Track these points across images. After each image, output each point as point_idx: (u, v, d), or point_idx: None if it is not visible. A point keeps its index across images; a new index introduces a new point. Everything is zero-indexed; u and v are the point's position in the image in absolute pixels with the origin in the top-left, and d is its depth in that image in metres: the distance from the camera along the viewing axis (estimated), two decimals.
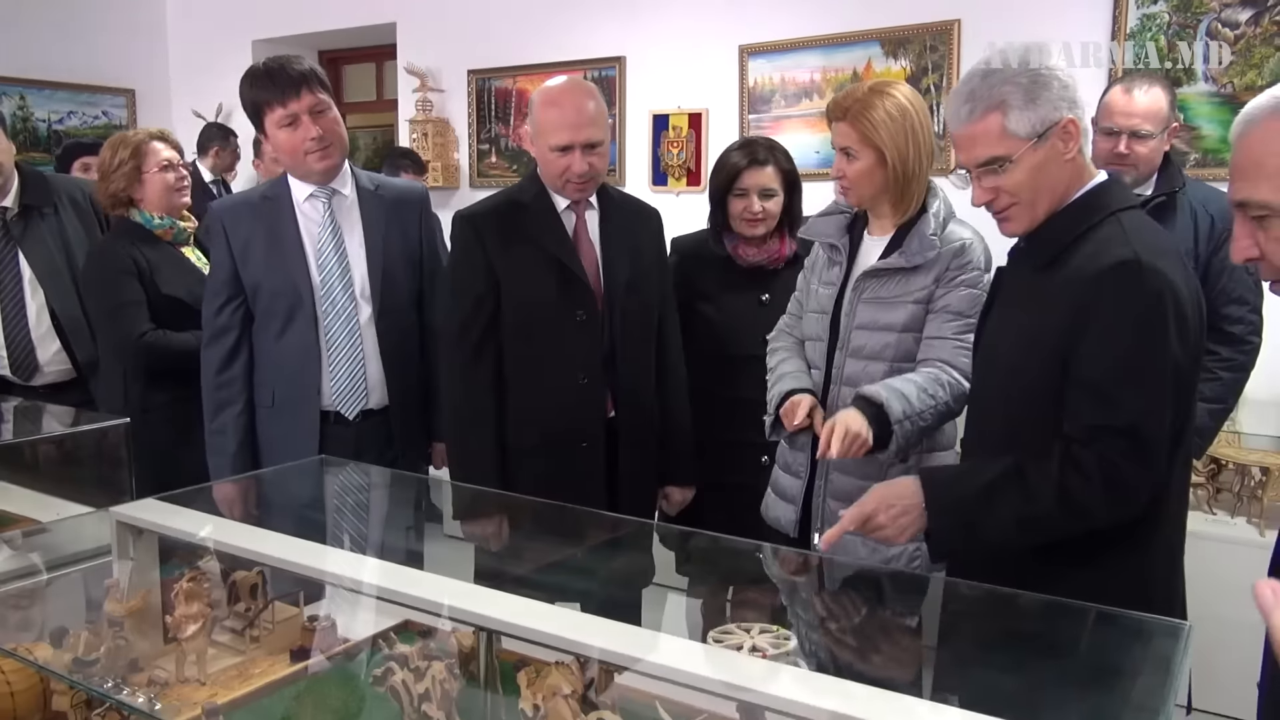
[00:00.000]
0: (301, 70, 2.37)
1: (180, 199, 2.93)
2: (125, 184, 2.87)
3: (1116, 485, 1.50)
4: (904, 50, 4.10)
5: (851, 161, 2.02)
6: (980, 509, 1.58)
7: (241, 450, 2.46)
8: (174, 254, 2.93)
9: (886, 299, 2.05)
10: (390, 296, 2.49)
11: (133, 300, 2.80)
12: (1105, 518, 1.54)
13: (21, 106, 5.91)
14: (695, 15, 4.61)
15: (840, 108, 2.03)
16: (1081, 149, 1.61)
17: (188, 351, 2.74)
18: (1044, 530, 1.57)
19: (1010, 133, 1.58)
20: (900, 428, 1.91)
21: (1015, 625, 1.54)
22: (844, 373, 2.08)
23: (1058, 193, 1.61)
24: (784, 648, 1.36)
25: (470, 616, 1.39)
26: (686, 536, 2.00)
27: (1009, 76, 1.58)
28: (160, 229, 2.90)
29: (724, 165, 2.55)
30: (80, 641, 1.56)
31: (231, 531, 1.73)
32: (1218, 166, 3.44)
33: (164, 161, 2.89)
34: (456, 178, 5.46)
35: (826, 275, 2.17)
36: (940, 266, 2.02)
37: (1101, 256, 1.53)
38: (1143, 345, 1.49)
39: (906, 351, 2.04)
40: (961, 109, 1.62)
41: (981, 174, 1.62)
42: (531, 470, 2.30)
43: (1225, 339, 2.63)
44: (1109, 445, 1.50)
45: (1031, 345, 1.59)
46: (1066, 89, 1.59)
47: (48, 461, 2.58)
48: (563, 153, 2.22)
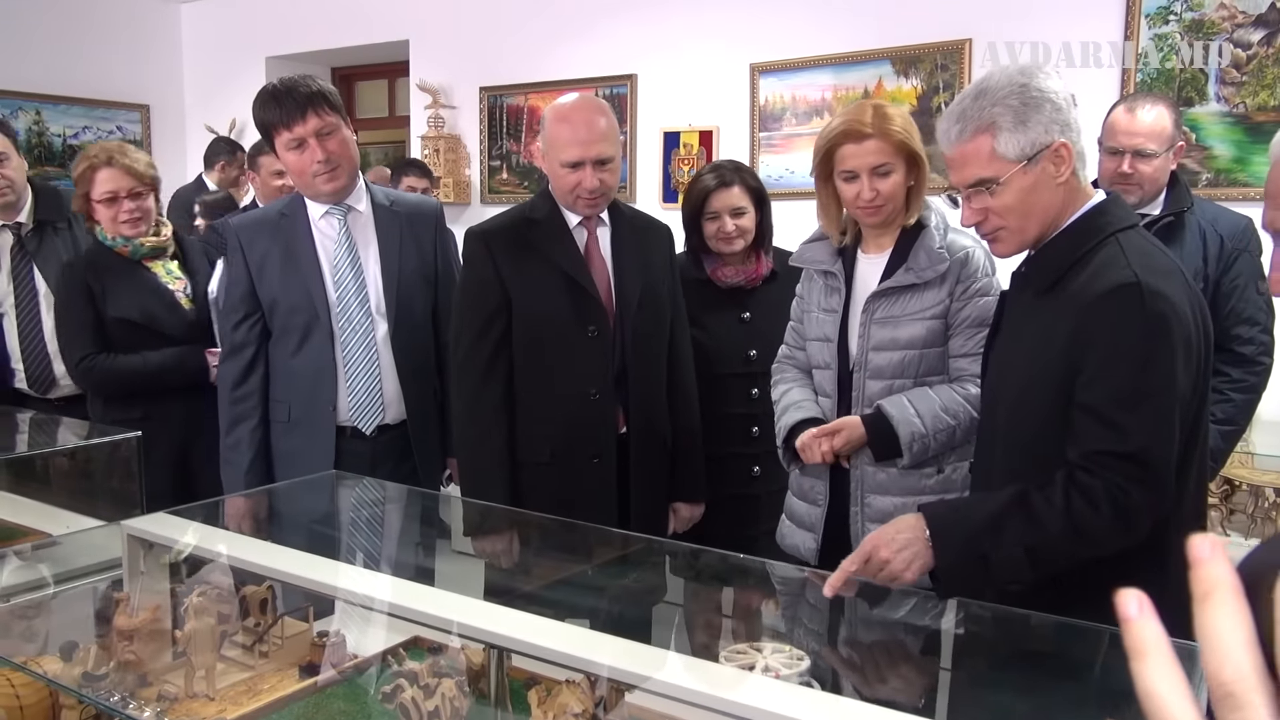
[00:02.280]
0: (310, 92, 2.38)
1: (128, 231, 2.80)
2: (80, 205, 2.84)
3: (1124, 511, 1.48)
4: (915, 69, 4.11)
5: (885, 178, 2.01)
6: (988, 541, 1.53)
7: (255, 464, 2.46)
8: (136, 272, 2.84)
9: (899, 317, 2.04)
10: (406, 312, 2.50)
11: (78, 324, 2.79)
12: (1113, 544, 1.52)
13: (37, 121, 5.96)
14: (707, 33, 4.63)
15: (864, 125, 1.99)
16: (1076, 171, 1.59)
17: (133, 373, 2.76)
18: (1054, 559, 1.53)
19: (999, 155, 1.56)
20: (910, 450, 1.97)
21: (1030, 647, 1.53)
22: (866, 394, 2.06)
23: (1049, 216, 1.60)
24: (797, 668, 1.35)
25: (480, 633, 1.39)
26: (698, 554, 1.99)
27: (1000, 98, 1.56)
28: (116, 247, 2.82)
29: (693, 190, 2.60)
30: (90, 655, 1.56)
31: (241, 546, 1.74)
32: (1230, 186, 3.44)
33: (107, 193, 2.77)
34: (468, 194, 5.48)
35: (826, 302, 2.16)
36: (951, 280, 2.02)
37: (1102, 280, 1.51)
38: (1146, 369, 1.47)
39: (930, 367, 2.04)
40: (952, 129, 1.61)
41: (971, 195, 1.62)
42: (542, 486, 2.29)
43: (1236, 360, 2.60)
44: (1115, 471, 1.48)
45: (1036, 371, 1.57)
46: (1060, 111, 1.56)
47: (59, 474, 2.59)
48: (573, 168, 2.23)
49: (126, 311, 2.79)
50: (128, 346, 2.79)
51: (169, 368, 2.80)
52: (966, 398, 2.01)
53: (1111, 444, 1.48)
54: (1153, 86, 3.55)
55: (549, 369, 2.29)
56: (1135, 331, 1.47)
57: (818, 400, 2.15)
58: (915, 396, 2.01)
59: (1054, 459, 1.54)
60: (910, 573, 1.57)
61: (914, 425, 1.97)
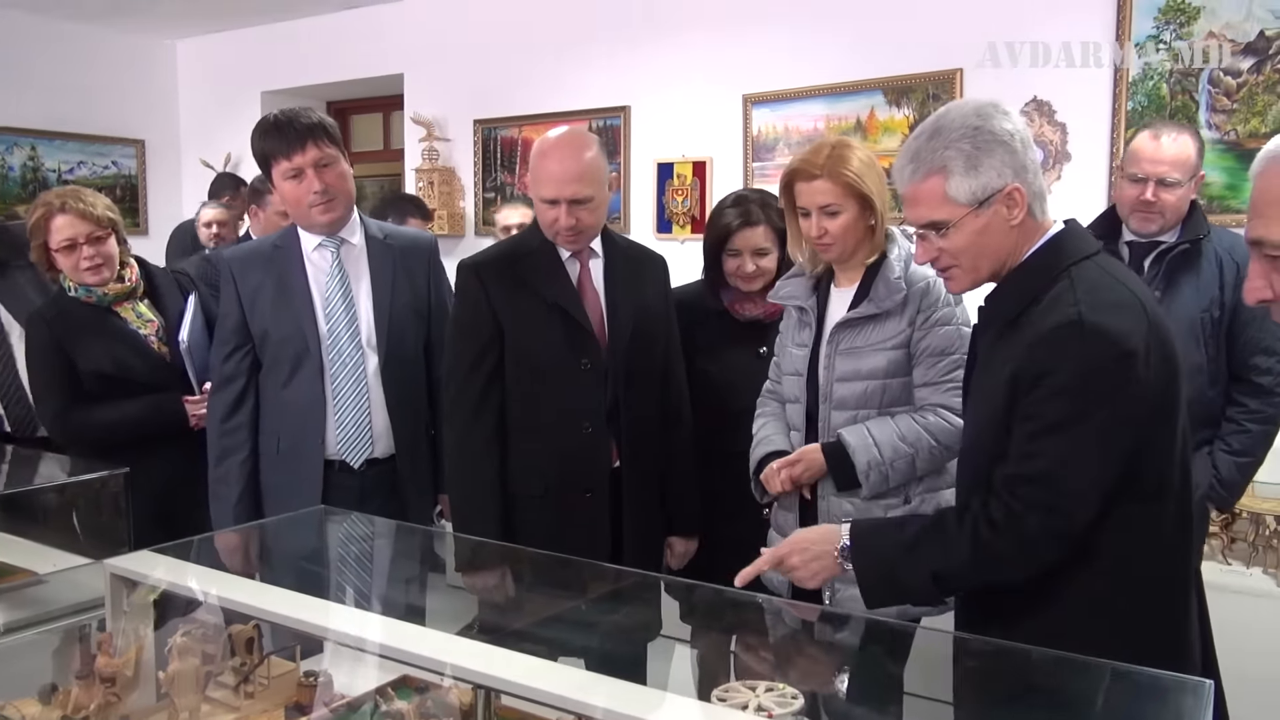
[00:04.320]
0: (309, 123, 2.39)
1: (91, 279, 2.68)
2: (38, 255, 2.71)
3: (1022, 537, 1.49)
4: (906, 99, 4.13)
5: (834, 218, 2.04)
6: (900, 562, 1.59)
7: (244, 497, 2.44)
8: (104, 320, 2.73)
9: (862, 348, 2.07)
10: (397, 345, 2.49)
11: (49, 378, 2.71)
12: (1016, 570, 1.53)
13: (32, 157, 5.97)
14: (699, 65, 4.65)
15: (814, 166, 2.03)
16: (1032, 210, 1.58)
17: (109, 426, 2.68)
18: (959, 584, 1.60)
19: (950, 198, 1.55)
20: (866, 479, 2.02)
21: (1028, 682, 1.50)
22: (831, 425, 2.09)
23: (1001, 257, 1.59)
24: (791, 707, 1.33)
25: (468, 673, 1.36)
26: (691, 589, 1.96)
27: (953, 140, 1.55)
28: (81, 296, 2.71)
29: (716, 223, 2.53)
30: (70, 698, 1.53)
31: (227, 584, 1.71)
32: (1222, 213, 3.44)
33: (65, 240, 2.64)
34: (462, 226, 5.49)
35: (798, 337, 2.19)
36: (912, 309, 2.05)
37: (1048, 317, 1.51)
38: (1075, 405, 1.46)
39: (893, 398, 2.07)
40: (906, 168, 1.61)
41: (924, 234, 1.62)
42: (535, 520, 2.27)
43: (1253, 390, 2.56)
44: (1016, 495, 1.49)
45: (990, 408, 1.58)
46: (1013, 155, 1.55)
47: (46, 512, 2.56)
48: (550, 205, 2.23)
49: (98, 364, 2.68)
50: (102, 396, 2.69)
51: (145, 419, 2.70)
52: (927, 427, 2.03)
53: (1018, 468, 1.50)
54: (1144, 115, 3.57)
55: (542, 402, 2.28)
56: (1067, 367, 1.47)
57: (790, 434, 2.17)
58: (875, 425, 2.05)
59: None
60: (814, 582, 1.69)
61: (871, 453, 2.01)
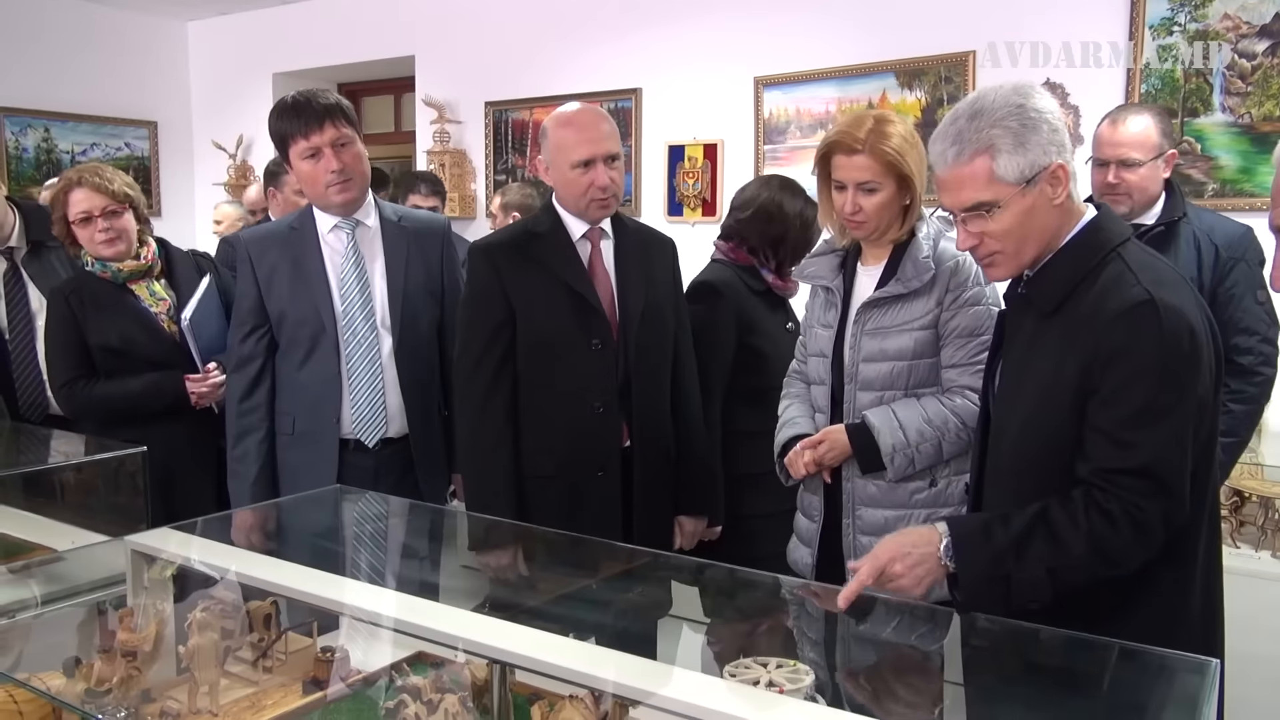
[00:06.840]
0: (327, 104, 2.40)
1: (106, 251, 2.75)
2: (59, 230, 2.79)
3: (1141, 527, 1.47)
4: (919, 82, 4.11)
5: (870, 195, 1.99)
6: (1011, 561, 1.50)
7: (261, 477, 2.46)
8: (119, 297, 2.80)
9: (888, 328, 2.04)
10: (411, 326, 2.51)
11: (61, 349, 2.78)
12: (1133, 561, 1.50)
13: (45, 138, 6.00)
14: (711, 47, 4.64)
15: (855, 140, 1.97)
16: (1071, 191, 1.57)
17: (111, 399, 2.74)
18: (1076, 580, 1.50)
19: (998, 177, 1.53)
20: (891, 461, 1.98)
21: (1037, 661, 1.51)
22: (857, 406, 2.06)
23: (1045, 238, 1.57)
24: (801, 683, 1.34)
25: (483, 648, 1.38)
26: (702, 568, 1.98)
27: (998, 119, 1.53)
28: (97, 271, 2.79)
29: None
30: (93, 671, 1.55)
31: (245, 561, 1.73)
32: (1235, 196, 3.42)
33: (81, 213, 2.72)
34: (473, 208, 5.50)
35: (824, 317, 2.16)
36: (940, 289, 2.01)
37: (1114, 299, 1.49)
38: (1164, 388, 1.46)
39: (921, 379, 2.04)
40: (948, 151, 1.57)
41: (968, 218, 1.58)
42: (546, 500, 2.28)
43: (1235, 371, 2.56)
44: (1128, 489, 1.46)
45: (1048, 393, 1.55)
46: (1056, 132, 1.54)
47: (65, 489, 2.59)
48: (585, 168, 2.24)
49: (107, 338, 2.75)
50: (110, 372, 2.76)
51: (146, 394, 2.76)
52: (954, 409, 2.00)
53: (1122, 461, 1.46)
54: (1157, 97, 3.55)
55: (553, 382, 2.29)
56: (1153, 350, 1.45)
57: (815, 415, 2.15)
58: (900, 407, 2.01)
59: (1059, 478, 1.53)
60: (920, 588, 1.55)
61: (896, 436, 1.98)
